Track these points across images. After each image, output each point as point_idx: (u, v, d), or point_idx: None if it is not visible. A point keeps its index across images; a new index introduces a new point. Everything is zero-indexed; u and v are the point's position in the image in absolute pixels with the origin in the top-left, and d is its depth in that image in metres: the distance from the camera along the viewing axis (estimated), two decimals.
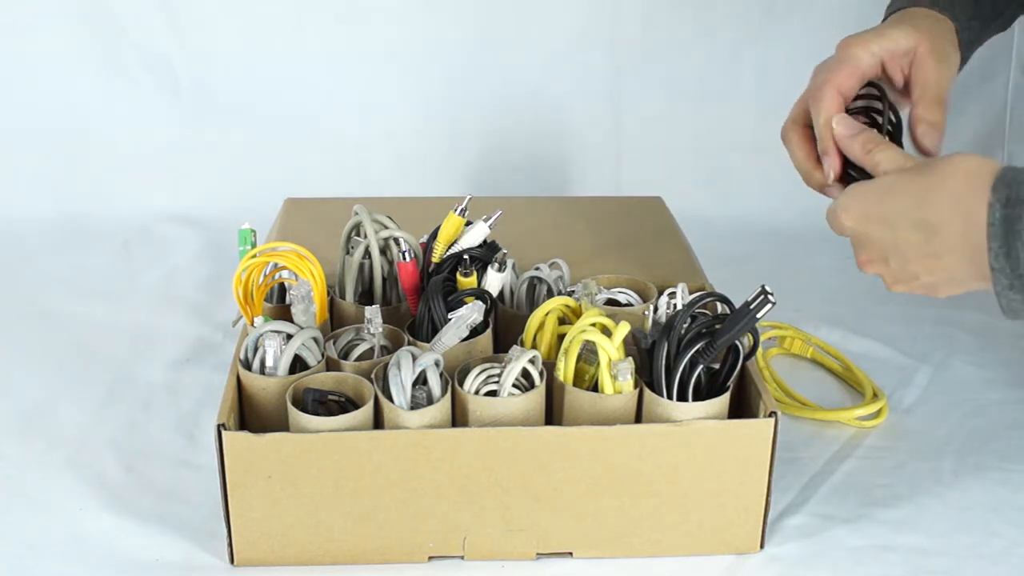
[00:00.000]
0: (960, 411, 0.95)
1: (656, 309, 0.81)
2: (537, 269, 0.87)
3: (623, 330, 0.73)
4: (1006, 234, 0.61)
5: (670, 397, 0.72)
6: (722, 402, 0.73)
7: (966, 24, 0.81)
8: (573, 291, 0.85)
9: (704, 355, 0.72)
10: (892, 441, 0.90)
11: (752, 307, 0.69)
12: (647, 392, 0.73)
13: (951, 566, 0.76)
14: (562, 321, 0.80)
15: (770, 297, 0.69)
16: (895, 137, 0.76)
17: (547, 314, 0.78)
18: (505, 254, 0.86)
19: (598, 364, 0.74)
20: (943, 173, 0.65)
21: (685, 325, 0.72)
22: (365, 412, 0.72)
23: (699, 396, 0.73)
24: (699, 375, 0.73)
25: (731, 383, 0.74)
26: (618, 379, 0.73)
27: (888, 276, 0.70)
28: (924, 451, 0.89)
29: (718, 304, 0.78)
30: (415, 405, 0.71)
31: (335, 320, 0.86)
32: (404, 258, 0.83)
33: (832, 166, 0.75)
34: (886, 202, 0.68)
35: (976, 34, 0.83)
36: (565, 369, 0.74)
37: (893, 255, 0.68)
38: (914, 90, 0.77)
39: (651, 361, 0.73)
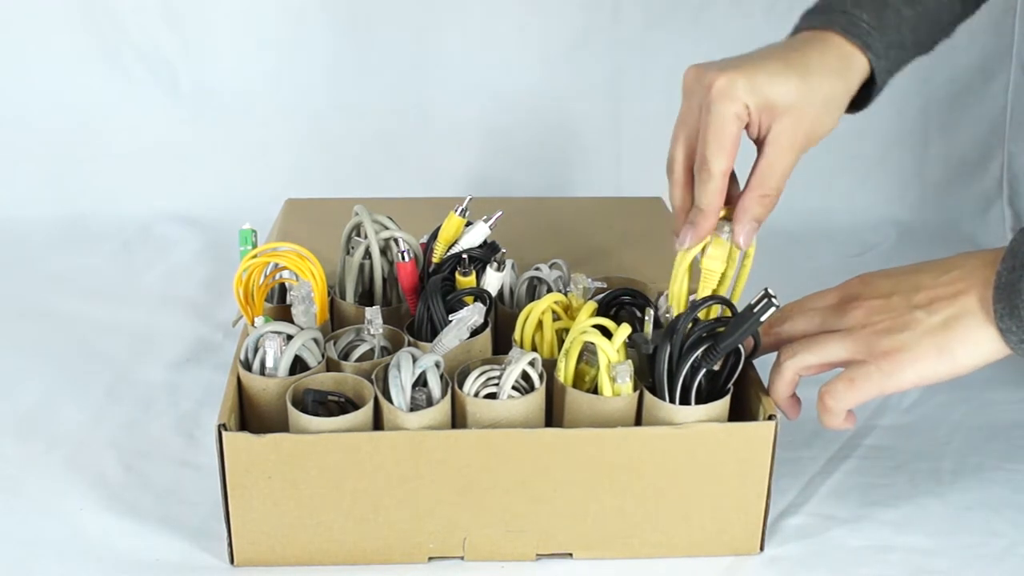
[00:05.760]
0: (960, 411, 0.95)
1: (656, 310, 0.81)
2: (537, 269, 0.87)
3: (623, 332, 0.73)
4: (1010, 296, 0.65)
5: (672, 401, 0.72)
6: (722, 405, 0.73)
7: (883, 53, 0.76)
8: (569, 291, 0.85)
9: (707, 359, 0.71)
10: (892, 441, 0.90)
11: (756, 310, 0.69)
12: (647, 394, 0.73)
13: (951, 566, 0.76)
14: (555, 317, 0.80)
15: (774, 300, 0.68)
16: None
17: (543, 313, 0.78)
18: (504, 254, 0.86)
19: (599, 366, 0.74)
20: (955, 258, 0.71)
21: (687, 328, 0.72)
22: (365, 413, 0.72)
23: (699, 398, 0.73)
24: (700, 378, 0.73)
25: (731, 386, 0.74)
26: (616, 381, 0.72)
27: (873, 318, 0.71)
28: (924, 451, 0.89)
29: (719, 307, 0.77)
30: (415, 407, 0.71)
31: (335, 321, 0.86)
32: (403, 258, 0.83)
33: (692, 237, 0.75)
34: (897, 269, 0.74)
35: (895, 63, 0.78)
36: (565, 370, 0.74)
37: (899, 288, 0.71)
38: (755, 174, 0.74)
39: (653, 365, 0.73)
